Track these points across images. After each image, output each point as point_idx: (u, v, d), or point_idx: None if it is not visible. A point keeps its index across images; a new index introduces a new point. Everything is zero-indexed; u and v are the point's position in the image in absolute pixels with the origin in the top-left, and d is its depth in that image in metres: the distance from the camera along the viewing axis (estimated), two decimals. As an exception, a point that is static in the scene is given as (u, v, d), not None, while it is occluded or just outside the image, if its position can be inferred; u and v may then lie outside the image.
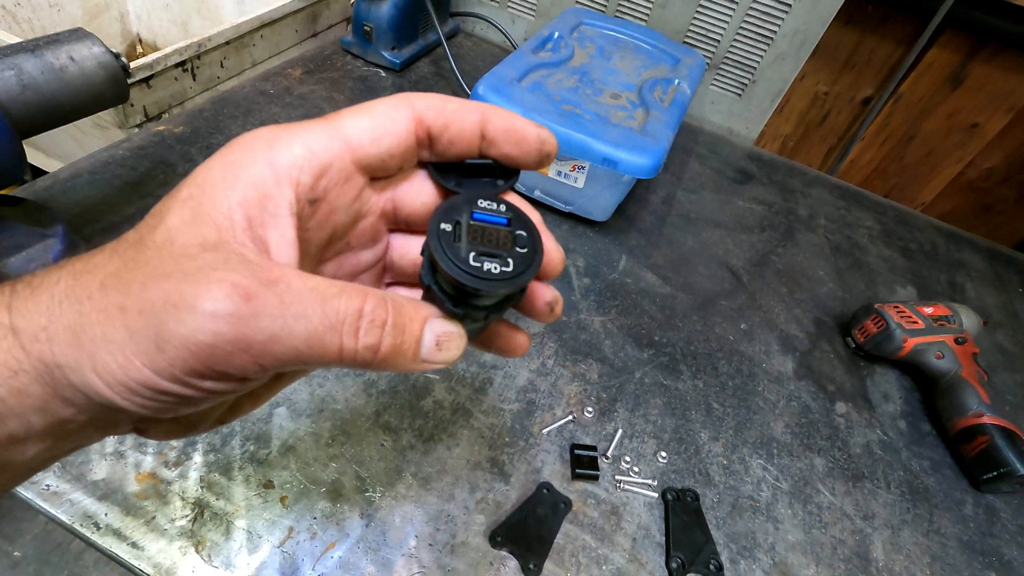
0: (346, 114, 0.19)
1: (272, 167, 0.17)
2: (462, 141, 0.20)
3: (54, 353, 0.16)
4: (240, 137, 0.18)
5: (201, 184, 0.17)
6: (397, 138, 0.19)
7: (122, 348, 0.15)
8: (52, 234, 0.47)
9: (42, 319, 0.16)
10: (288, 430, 0.44)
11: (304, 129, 0.18)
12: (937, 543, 0.49)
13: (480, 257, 0.18)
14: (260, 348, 0.16)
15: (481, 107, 0.20)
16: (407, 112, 0.19)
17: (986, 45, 0.84)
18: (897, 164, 1.01)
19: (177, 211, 0.17)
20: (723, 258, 0.71)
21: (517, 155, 0.20)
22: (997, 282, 0.79)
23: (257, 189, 0.17)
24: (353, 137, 0.19)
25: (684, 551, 0.43)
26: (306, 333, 0.16)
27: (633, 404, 0.53)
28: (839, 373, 0.61)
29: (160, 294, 0.15)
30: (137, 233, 0.17)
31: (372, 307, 0.17)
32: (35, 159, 0.94)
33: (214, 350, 0.15)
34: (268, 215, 0.17)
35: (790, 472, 0.51)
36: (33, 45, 0.42)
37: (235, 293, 0.15)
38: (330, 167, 0.18)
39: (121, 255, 0.17)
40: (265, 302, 0.15)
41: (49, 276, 0.17)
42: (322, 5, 0.92)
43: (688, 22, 0.87)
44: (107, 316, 0.16)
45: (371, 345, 0.17)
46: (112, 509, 0.38)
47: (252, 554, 0.38)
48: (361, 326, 0.17)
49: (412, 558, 0.40)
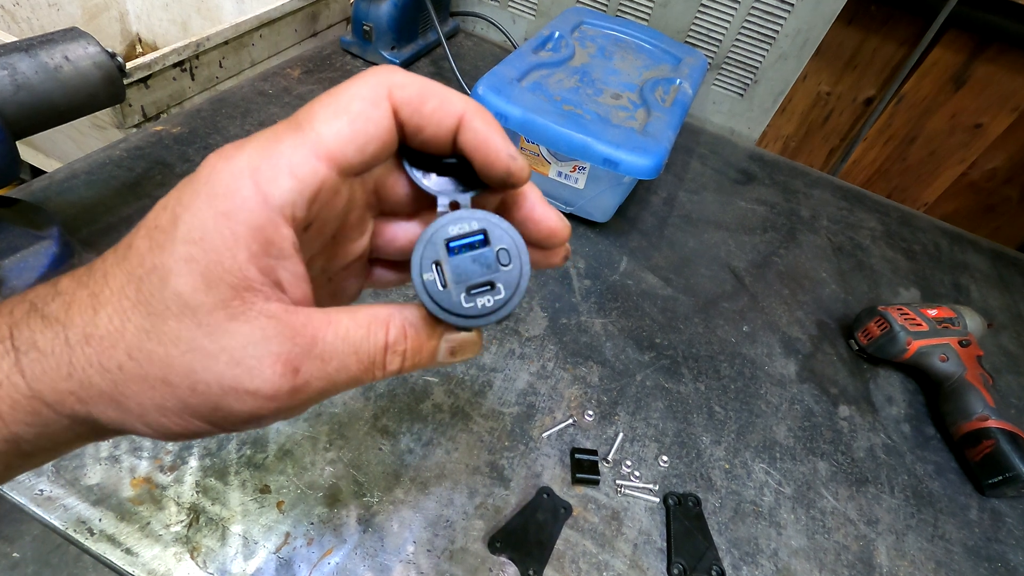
0: (320, 115, 0.17)
1: (267, 209, 0.16)
2: (434, 141, 0.19)
3: (90, 412, 0.17)
4: (218, 168, 0.17)
5: (199, 242, 0.16)
6: (381, 141, 0.18)
7: (179, 414, 0.17)
8: (47, 236, 0.46)
9: (68, 385, 0.16)
10: (285, 434, 0.44)
11: (281, 149, 0.17)
12: (942, 549, 0.49)
13: (471, 297, 0.19)
14: (311, 403, 0.18)
15: (462, 109, 0.18)
16: (386, 109, 0.18)
17: (990, 45, 0.84)
18: (900, 165, 1.00)
19: (184, 274, 0.16)
20: (725, 259, 0.71)
21: (483, 171, 0.19)
22: (1001, 284, 0.79)
23: (259, 240, 0.16)
24: (336, 150, 0.17)
25: (686, 557, 0.43)
26: (347, 380, 0.18)
27: (634, 407, 0.52)
28: (842, 376, 0.61)
29: (212, 378, 0.16)
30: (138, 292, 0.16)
31: (394, 339, 0.19)
32: (34, 159, 0.93)
33: (275, 415, 0.18)
34: (275, 260, 0.17)
35: (793, 476, 0.51)
36: (27, 44, 0.42)
37: (287, 371, 0.17)
38: (319, 191, 0.17)
39: (134, 322, 0.16)
40: (311, 368, 0.17)
41: (56, 339, 0.17)
42: (321, 5, 0.92)
43: (690, 22, 0.86)
44: (151, 388, 0.16)
45: (396, 369, 0.19)
46: (106, 514, 0.37)
47: (248, 560, 0.37)
48: (387, 359, 0.19)
49: (410, 564, 0.39)
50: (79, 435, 0.18)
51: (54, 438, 0.17)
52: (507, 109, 0.60)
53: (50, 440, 0.17)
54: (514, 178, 0.19)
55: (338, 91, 0.18)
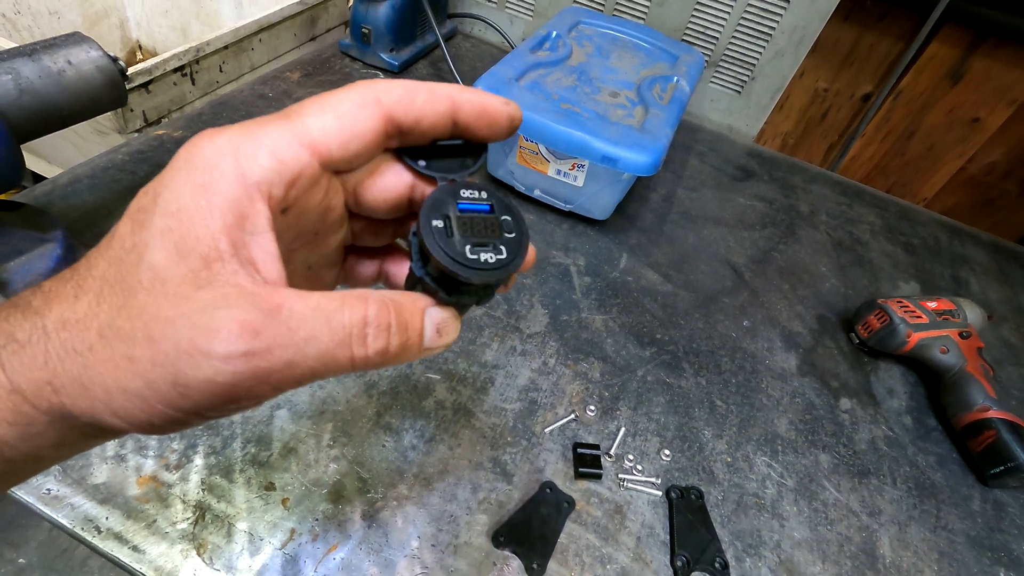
0: (309, 110, 0.18)
1: (243, 184, 0.17)
2: (434, 130, 0.20)
3: (63, 403, 0.16)
4: (199, 147, 0.17)
5: (176, 214, 0.16)
6: (365, 140, 0.19)
7: (141, 396, 0.16)
8: (51, 239, 0.47)
9: (43, 374, 0.16)
10: (289, 432, 0.44)
11: (265, 131, 0.17)
12: (944, 539, 0.49)
13: (475, 249, 0.19)
14: (278, 376, 0.16)
15: (450, 93, 0.20)
16: (375, 111, 0.19)
17: (986, 39, 0.84)
18: (898, 160, 1.00)
19: (159, 247, 0.16)
20: (724, 255, 0.71)
21: (489, 134, 0.21)
22: (1001, 276, 0.79)
23: (234, 212, 0.17)
24: (320, 142, 0.18)
25: (689, 549, 0.43)
26: (318, 353, 0.16)
27: (636, 402, 0.52)
28: (843, 369, 0.61)
29: (170, 344, 0.15)
30: (116, 270, 0.17)
31: (375, 313, 0.18)
32: (36, 166, 0.94)
33: (235, 387, 0.16)
34: (249, 235, 0.17)
35: (795, 469, 0.51)
36: (31, 49, 0.42)
37: (244, 332, 0.16)
38: (300, 175, 0.18)
39: (109, 301, 0.16)
40: (274, 333, 0.16)
41: (34, 329, 0.17)
42: (320, 8, 0.92)
43: (686, 20, 0.87)
44: (116, 367, 0.16)
45: (381, 349, 0.18)
46: (113, 513, 0.38)
47: (254, 556, 0.37)
48: (368, 333, 0.17)
49: (415, 559, 0.39)
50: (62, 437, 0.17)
51: (36, 440, 0.17)
52: (505, 108, 0.61)
53: (32, 443, 0.17)
54: (515, 120, 0.21)
55: (329, 93, 0.19)
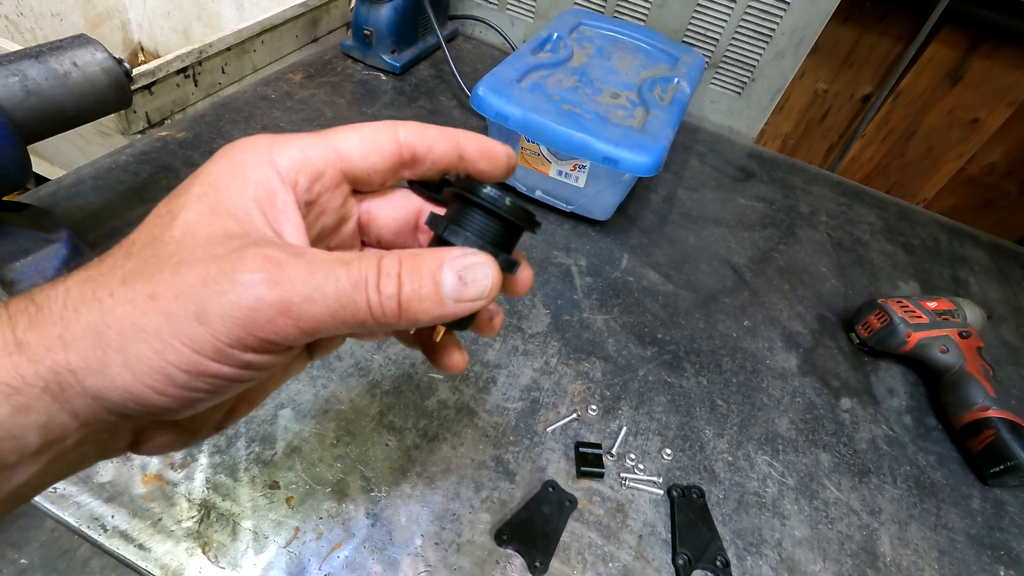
0: (338, 131, 0.21)
1: (275, 168, 0.19)
2: (444, 160, 0.22)
3: (69, 360, 0.16)
4: (240, 140, 0.20)
5: (214, 183, 0.18)
6: (383, 155, 0.21)
7: (158, 333, 0.16)
8: (56, 239, 0.47)
9: (56, 329, 0.16)
10: (293, 431, 0.44)
11: (297, 137, 0.20)
12: (945, 537, 0.49)
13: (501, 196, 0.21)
14: (298, 309, 0.17)
15: (456, 132, 0.23)
16: (393, 135, 0.21)
17: (986, 40, 0.84)
18: (898, 161, 1.00)
19: (193, 207, 0.18)
20: (725, 256, 0.71)
21: (490, 170, 0.23)
22: (1000, 277, 0.79)
23: (266, 187, 0.19)
24: (344, 150, 0.21)
25: (690, 548, 0.43)
26: (336, 291, 0.17)
27: (637, 402, 0.53)
28: (843, 369, 0.61)
29: (196, 276, 0.16)
30: (148, 233, 0.18)
31: (389, 259, 0.18)
32: (39, 167, 0.94)
33: (256, 314, 0.16)
34: (279, 211, 0.19)
35: (796, 468, 0.51)
36: (37, 51, 0.42)
37: (268, 263, 0.17)
38: (323, 173, 0.20)
39: (138, 254, 0.17)
40: (296, 267, 0.17)
41: (54, 289, 0.17)
42: (322, 10, 0.93)
43: (687, 21, 0.87)
44: (136, 307, 0.16)
45: (392, 294, 0.18)
46: (119, 511, 0.38)
47: (259, 554, 0.38)
48: (381, 279, 0.18)
49: (418, 557, 0.40)
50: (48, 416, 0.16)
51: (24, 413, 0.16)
52: (507, 109, 0.61)
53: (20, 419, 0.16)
54: (512, 159, 0.24)
55: (355, 124, 0.22)
